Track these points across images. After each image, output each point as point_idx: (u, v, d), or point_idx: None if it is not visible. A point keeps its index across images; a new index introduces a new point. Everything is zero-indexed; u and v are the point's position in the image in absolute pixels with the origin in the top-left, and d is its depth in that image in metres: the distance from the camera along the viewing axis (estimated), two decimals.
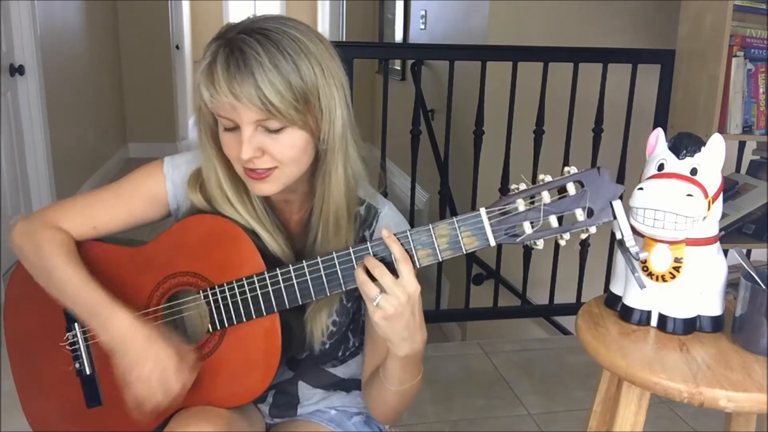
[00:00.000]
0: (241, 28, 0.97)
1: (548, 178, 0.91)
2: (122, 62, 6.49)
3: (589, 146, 2.71)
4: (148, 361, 1.00)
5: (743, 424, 1.28)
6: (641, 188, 1.05)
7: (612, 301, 1.19)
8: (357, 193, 1.10)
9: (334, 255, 0.98)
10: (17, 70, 3.61)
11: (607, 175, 0.90)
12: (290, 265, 1.01)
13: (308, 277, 1.00)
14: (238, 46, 0.94)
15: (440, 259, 0.96)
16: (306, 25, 1.02)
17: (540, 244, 0.92)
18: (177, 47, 7.07)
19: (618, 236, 0.94)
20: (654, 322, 1.12)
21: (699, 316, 1.11)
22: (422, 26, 4.71)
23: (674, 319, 1.10)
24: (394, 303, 0.93)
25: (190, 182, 1.11)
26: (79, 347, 1.14)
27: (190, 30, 8.33)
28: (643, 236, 1.08)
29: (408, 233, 0.95)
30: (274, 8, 8.53)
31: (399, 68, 5.15)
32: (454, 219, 0.94)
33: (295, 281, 1.00)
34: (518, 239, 0.92)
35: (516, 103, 2.67)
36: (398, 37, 5.42)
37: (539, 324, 3.59)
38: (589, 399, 1.26)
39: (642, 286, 1.06)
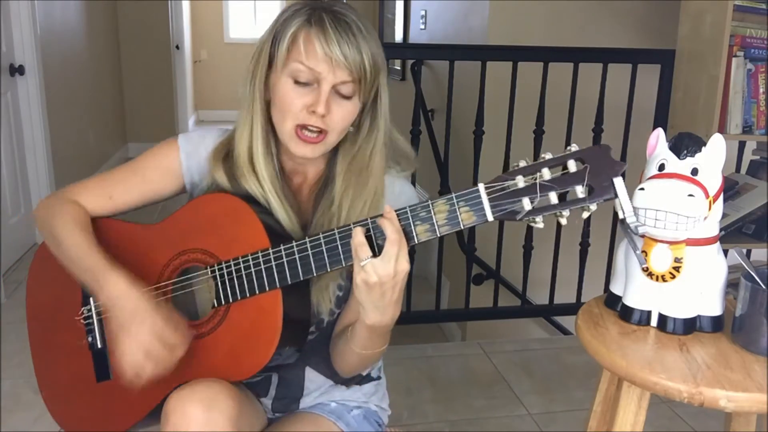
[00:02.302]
0: (324, 5, 1.05)
1: (549, 156, 0.91)
2: (122, 62, 6.49)
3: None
4: (134, 323, 1.01)
5: (743, 424, 1.28)
6: (642, 188, 1.05)
7: (612, 301, 1.19)
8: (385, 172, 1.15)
9: (335, 231, 0.99)
10: (17, 70, 3.61)
11: (609, 152, 0.89)
12: (293, 242, 1.02)
13: (310, 252, 1.01)
14: (339, 15, 1.03)
15: (438, 235, 0.95)
16: None
17: (540, 222, 0.91)
18: (177, 47, 7.07)
19: (620, 215, 0.92)
20: (654, 322, 1.12)
21: (699, 316, 1.11)
22: (422, 26, 4.71)
23: (674, 319, 1.10)
24: (380, 272, 0.94)
25: (215, 155, 1.14)
26: (93, 321, 1.16)
27: (190, 30, 8.33)
28: (643, 236, 1.08)
29: (408, 209, 0.96)
30: (275, 8, 8.51)
31: (399, 68, 5.14)
32: (453, 195, 0.94)
33: (297, 256, 1.01)
34: (518, 216, 0.91)
35: (516, 103, 2.67)
36: (398, 37, 5.41)
37: (539, 324, 3.59)
38: (589, 399, 1.26)
39: (642, 263, 1.07)
